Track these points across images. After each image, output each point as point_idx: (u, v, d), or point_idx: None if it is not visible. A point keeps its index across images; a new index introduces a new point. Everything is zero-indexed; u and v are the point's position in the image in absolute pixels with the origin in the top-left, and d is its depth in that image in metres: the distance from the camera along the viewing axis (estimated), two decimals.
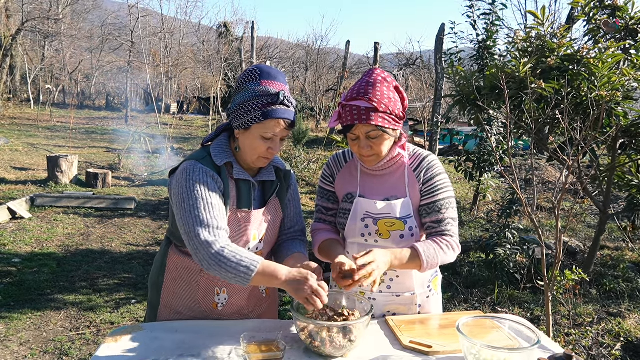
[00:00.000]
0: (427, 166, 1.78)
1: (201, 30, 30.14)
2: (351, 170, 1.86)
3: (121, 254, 5.36)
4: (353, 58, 23.71)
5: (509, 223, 4.62)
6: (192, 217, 1.55)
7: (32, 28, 20.07)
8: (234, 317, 1.77)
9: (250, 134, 1.63)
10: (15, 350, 3.32)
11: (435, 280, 1.90)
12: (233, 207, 1.68)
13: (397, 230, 1.74)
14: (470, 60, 6.18)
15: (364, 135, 1.66)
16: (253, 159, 1.66)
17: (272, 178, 1.77)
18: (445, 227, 1.75)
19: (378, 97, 1.64)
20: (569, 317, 3.75)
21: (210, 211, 1.55)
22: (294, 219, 1.88)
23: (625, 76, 3.51)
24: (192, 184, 1.58)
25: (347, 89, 1.73)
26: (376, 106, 1.62)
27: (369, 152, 1.69)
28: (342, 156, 1.90)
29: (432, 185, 1.76)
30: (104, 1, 31.55)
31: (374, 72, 1.70)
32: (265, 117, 1.58)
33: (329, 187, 1.90)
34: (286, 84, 1.65)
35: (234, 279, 1.49)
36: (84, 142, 13.17)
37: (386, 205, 1.74)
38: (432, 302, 1.88)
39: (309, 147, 12.12)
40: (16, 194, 7.30)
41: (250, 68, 1.68)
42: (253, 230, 1.71)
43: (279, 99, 1.58)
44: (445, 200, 1.76)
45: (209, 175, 1.62)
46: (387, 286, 1.80)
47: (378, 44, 13.39)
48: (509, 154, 2.68)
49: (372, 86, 1.65)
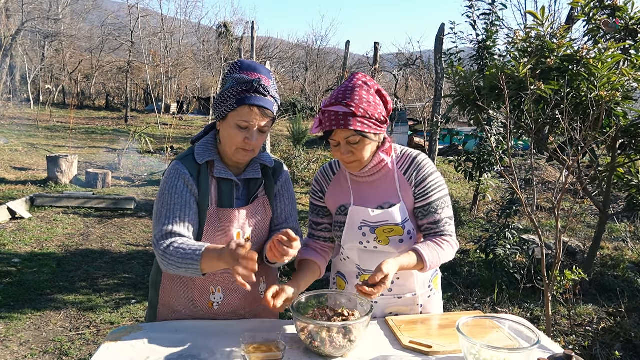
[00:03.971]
0: (418, 167, 1.75)
1: (201, 30, 30.15)
2: (341, 181, 1.83)
3: (121, 254, 5.36)
4: (353, 58, 23.71)
5: (508, 223, 4.62)
6: (156, 220, 1.66)
7: (32, 28, 20.10)
8: (230, 317, 1.77)
9: (227, 124, 1.63)
10: (15, 350, 3.32)
11: (435, 279, 1.90)
12: (213, 206, 1.68)
13: (396, 235, 1.72)
14: (470, 60, 6.18)
15: (344, 140, 1.64)
16: (232, 150, 1.65)
17: (257, 176, 1.75)
18: (443, 228, 1.74)
19: (356, 101, 1.61)
20: (569, 317, 3.75)
21: (170, 217, 1.63)
22: (281, 216, 1.83)
23: (625, 76, 3.51)
24: (163, 188, 1.68)
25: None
26: (354, 111, 1.60)
27: (351, 157, 1.67)
28: (329, 168, 1.87)
29: (425, 187, 1.74)
30: (103, 1, 31.54)
31: (355, 77, 1.69)
32: (239, 104, 1.58)
33: (319, 202, 1.86)
34: (270, 77, 1.64)
35: (187, 272, 1.56)
36: (84, 142, 13.17)
37: (382, 213, 1.71)
38: (434, 301, 1.88)
39: (308, 147, 12.12)
40: (16, 194, 7.30)
41: (234, 62, 1.70)
42: (236, 229, 1.70)
43: (253, 87, 1.58)
44: (440, 200, 1.74)
45: (181, 179, 1.66)
46: (389, 289, 1.79)
47: (378, 44, 13.39)
48: (508, 154, 2.69)
49: (351, 91, 1.63)
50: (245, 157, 1.67)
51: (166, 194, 1.65)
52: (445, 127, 6.97)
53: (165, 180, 1.68)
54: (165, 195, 1.65)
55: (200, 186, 1.66)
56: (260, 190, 1.77)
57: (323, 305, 1.64)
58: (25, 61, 21.31)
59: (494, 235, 4.60)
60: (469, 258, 5.24)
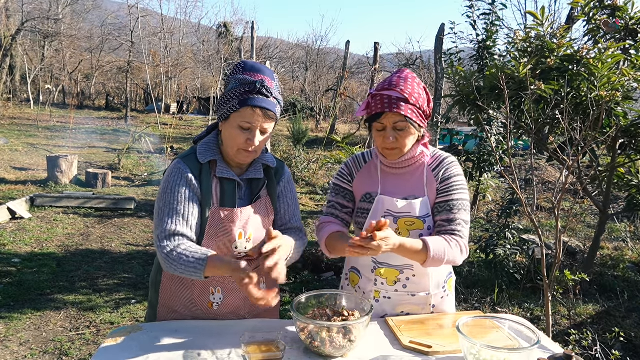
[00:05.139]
0: (447, 166, 1.79)
1: (201, 30, 30.14)
2: (370, 170, 1.85)
3: (121, 254, 5.36)
4: (353, 58, 23.68)
5: (508, 223, 4.62)
6: (157, 220, 1.64)
7: (32, 28, 20.09)
8: (230, 317, 1.76)
9: (229, 125, 1.63)
10: (15, 350, 3.32)
11: (450, 281, 1.90)
12: (215, 205, 1.68)
13: (416, 229, 1.74)
14: (470, 60, 6.17)
15: (392, 125, 1.68)
16: (233, 151, 1.65)
17: (260, 176, 1.75)
18: (455, 227, 1.73)
19: (409, 90, 1.67)
20: (569, 317, 3.75)
21: (173, 217, 1.62)
22: (285, 217, 1.83)
23: (625, 76, 3.51)
24: (165, 187, 1.66)
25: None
26: (407, 97, 1.66)
27: (393, 144, 1.70)
28: (361, 157, 1.90)
29: (449, 185, 1.76)
30: (103, 1, 31.52)
31: (404, 71, 1.75)
32: (242, 105, 1.58)
33: (347, 185, 1.88)
34: (273, 78, 1.64)
35: (189, 276, 1.57)
36: (84, 142, 13.16)
37: (407, 204, 1.73)
38: (446, 302, 1.87)
39: (308, 147, 12.12)
40: (16, 194, 7.30)
41: (237, 62, 1.70)
42: (238, 229, 1.69)
43: (256, 87, 1.58)
44: (459, 201, 1.74)
45: (183, 177, 1.64)
46: (403, 285, 1.79)
47: (378, 44, 13.37)
48: (508, 154, 2.68)
49: (404, 80, 1.69)
50: (247, 157, 1.67)
51: (169, 192, 1.64)
52: (445, 127, 6.97)
53: (167, 178, 1.67)
54: (168, 194, 1.64)
55: (202, 185, 1.66)
56: (262, 191, 1.77)
57: (323, 305, 1.64)
58: (25, 61, 21.28)
59: (494, 235, 4.60)
60: (469, 258, 5.24)
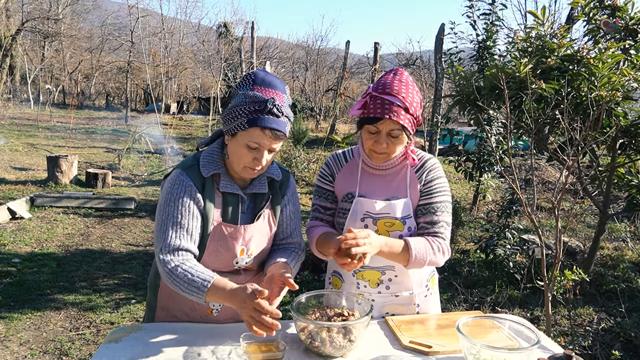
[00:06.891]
0: (430, 168, 1.79)
1: (201, 31, 30.12)
2: (352, 169, 1.84)
3: (121, 254, 5.36)
4: (353, 58, 23.67)
5: (508, 223, 4.62)
6: (159, 233, 1.58)
7: (32, 28, 20.08)
8: (230, 322, 1.74)
9: (236, 141, 1.56)
10: (15, 350, 3.32)
11: (432, 279, 1.90)
12: (218, 220, 1.63)
13: (396, 230, 1.73)
14: (470, 60, 6.17)
15: (387, 131, 1.66)
16: (239, 168, 1.59)
17: (264, 190, 1.69)
18: (438, 229, 1.74)
19: (410, 98, 1.65)
20: (568, 317, 3.75)
21: (177, 231, 1.56)
22: (286, 230, 1.79)
23: (625, 76, 3.51)
24: (168, 199, 1.59)
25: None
26: (407, 106, 1.64)
27: (383, 149, 1.69)
28: (342, 156, 1.88)
29: (431, 187, 1.76)
30: (103, 1, 31.55)
31: (402, 73, 1.71)
32: (250, 125, 1.51)
33: (327, 186, 1.86)
34: (284, 92, 1.57)
35: (190, 296, 1.51)
36: (83, 142, 13.16)
37: (386, 205, 1.73)
38: (431, 301, 1.88)
39: (308, 147, 12.11)
40: (16, 194, 7.30)
41: (247, 73, 1.62)
42: (240, 245, 1.65)
43: (266, 107, 1.50)
44: (441, 203, 1.76)
45: (187, 191, 1.58)
46: (386, 286, 1.79)
47: (378, 44, 13.37)
48: (508, 154, 2.68)
49: (406, 86, 1.66)
50: (253, 174, 1.62)
51: (172, 205, 1.58)
52: (445, 127, 6.97)
53: (169, 190, 1.60)
54: (171, 207, 1.58)
55: (205, 199, 1.60)
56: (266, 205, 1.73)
57: (323, 305, 1.64)
58: (25, 61, 21.30)
59: (494, 235, 4.60)
60: (469, 258, 5.24)
